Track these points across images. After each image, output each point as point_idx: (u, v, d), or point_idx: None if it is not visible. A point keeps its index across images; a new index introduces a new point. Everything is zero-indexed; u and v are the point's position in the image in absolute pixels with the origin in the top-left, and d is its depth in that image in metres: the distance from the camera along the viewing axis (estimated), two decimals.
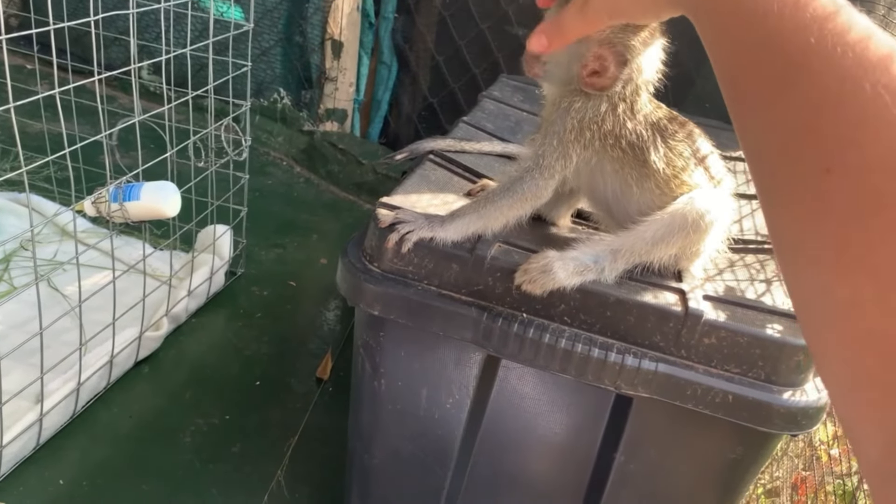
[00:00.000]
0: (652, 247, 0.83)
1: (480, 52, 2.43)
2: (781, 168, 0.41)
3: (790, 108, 0.40)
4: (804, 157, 0.39)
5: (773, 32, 0.42)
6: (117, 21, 2.39)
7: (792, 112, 0.40)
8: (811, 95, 0.39)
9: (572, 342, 0.83)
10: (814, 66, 0.39)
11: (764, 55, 0.42)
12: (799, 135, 0.39)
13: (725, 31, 0.47)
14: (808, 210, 0.39)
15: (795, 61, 0.40)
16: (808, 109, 0.39)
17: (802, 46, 0.40)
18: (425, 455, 1.01)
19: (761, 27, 0.43)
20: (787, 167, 0.40)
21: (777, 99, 0.41)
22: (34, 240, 1.15)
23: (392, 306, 0.88)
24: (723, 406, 0.82)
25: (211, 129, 1.58)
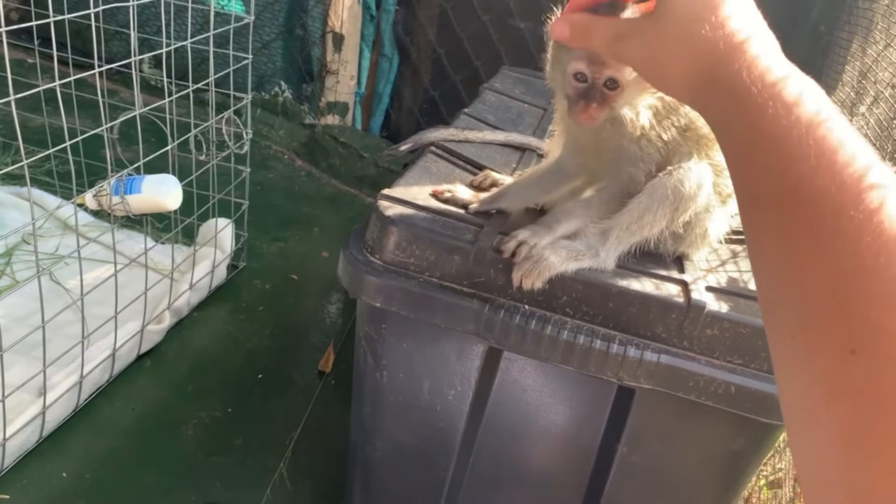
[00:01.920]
0: (639, 218, 0.83)
1: (482, 45, 2.43)
2: (803, 336, 0.38)
3: (820, 273, 0.38)
4: (829, 332, 0.36)
5: (807, 184, 0.40)
6: (118, 14, 2.39)
7: (822, 279, 0.38)
8: (843, 264, 0.37)
9: (574, 334, 0.83)
10: (849, 232, 0.37)
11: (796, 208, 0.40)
12: (826, 306, 0.37)
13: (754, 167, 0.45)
14: (826, 388, 0.36)
15: (829, 224, 0.38)
16: (839, 279, 0.37)
17: (837, 208, 0.38)
18: (427, 447, 1.01)
19: (794, 174, 0.41)
20: (809, 337, 0.38)
21: (807, 260, 0.39)
22: (36, 234, 1.15)
23: (394, 298, 0.88)
24: (725, 397, 0.82)
25: (212, 123, 1.58)
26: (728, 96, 0.48)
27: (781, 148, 0.42)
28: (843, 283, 0.37)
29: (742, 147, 0.46)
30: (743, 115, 0.46)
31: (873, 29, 1.52)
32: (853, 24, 1.73)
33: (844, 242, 0.37)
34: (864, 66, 1.48)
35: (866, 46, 1.54)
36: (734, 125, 0.47)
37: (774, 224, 0.42)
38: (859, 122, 1.39)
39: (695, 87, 0.52)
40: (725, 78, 0.48)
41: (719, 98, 0.49)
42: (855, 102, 1.49)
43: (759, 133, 0.44)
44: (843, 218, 0.37)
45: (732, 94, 0.47)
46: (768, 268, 0.43)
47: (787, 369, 0.40)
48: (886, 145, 1.24)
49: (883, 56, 1.37)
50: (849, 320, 0.36)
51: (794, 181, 0.41)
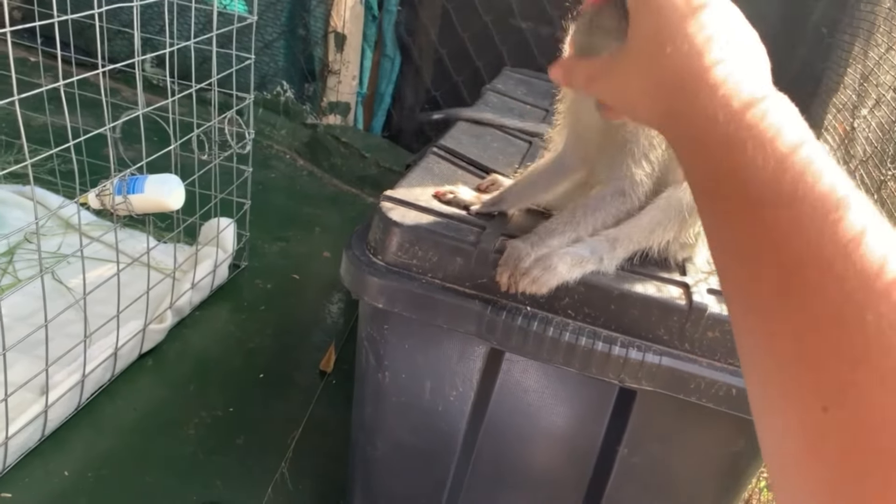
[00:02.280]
0: (649, 233, 0.83)
1: (484, 45, 2.43)
2: (775, 390, 0.37)
3: (786, 324, 0.36)
4: (801, 387, 0.35)
5: (771, 224, 0.38)
6: (120, 14, 2.39)
7: (788, 331, 0.36)
8: (810, 314, 0.35)
9: (576, 336, 0.83)
10: (811, 279, 0.35)
11: (763, 253, 0.38)
12: (795, 359, 0.35)
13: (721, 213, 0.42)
14: (801, 446, 0.35)
15: (793, 269, 0.36)
16: (807, 331, 0.35)
17: (799, 251, 0.36)
18: (429, 447, 1.01)
19: (763, 217, 0.38)
20: (781, 393, 0.36)
21: (771, 308, 0.37)
22: (38, 232, 1.16)
23: (396, 299, 0.88)
24: (726, 399, 0.82)
25: (214, 122, 1.58)
26: (694, 134, 0.44)
27: (750, 190, 0.39)
28: (812, 334, 0.35)
29: (707, 189, 0.43)
30: (709, 155, 0.43)
31: (875, 32, 1.53)
32: (855, 26, 1.73)
33: (808, 291, 0.35)
34: (866, 69, 1.49)
35: (868, 49, 1.54)
36: (701, 165, 0.44)
37: (742, 268, 0.40)
38: (861, 124, 1.40)
39: (661, 125, 0.49)
40: (689, 115, 0.44)
41: (685, 135, 0.45)
42: (856, 105, 1.49)
43: (726, 173, 0.41)
44: (809, 263, 0.36)
45: (698, 131, 0.44)
46: (737, 312, 0.41)
47: (762, 417, 0.38)
48: (888, 148, 1.24)
49: (885, 59, 1.37)
50: (819, 377, 0.34)
51: (762, 223, 0.38)
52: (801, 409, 0.34)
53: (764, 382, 0.38)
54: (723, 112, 0.42)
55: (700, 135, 0.43)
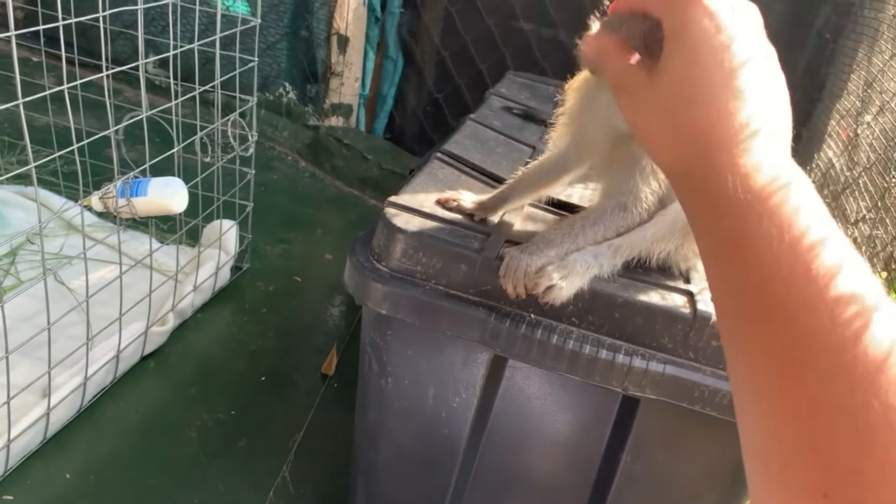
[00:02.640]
0: (651, 244, 0.84)
1: (486, 48, 2.43)
2: (775, 472, 0.36)
3: (789, 404, 0.35)
4: (803, 473, 0.34)
5: (781, 305, 0.37)
6: (123, 14, 2.39)
7: (790, 412, 0.35)
8: (815, 398, 0.34)
9: (580, 343, 0.83)
10: (820, 363, 0.35)
11: (769, 330, 0.37)
12: (798, 443, 0.35)
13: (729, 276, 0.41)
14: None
15: (800, 352, 0.35)
16: (810, 415, 0.34)
17: (809, 334, 0.35)
18: (431, 453, 1.01)
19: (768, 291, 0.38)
20: (782, 476, 0.35)
21: (775, 386, 0.36)
22: (42, 234, 1.16)
23: (400, 305, 0.88)
24: (729, 408, 0.82)
25: (217, 125, 1.58)
26: (704, 195, 0.43)
27: (760, 262, 0.39)
28: (816, 418, 0.34)
29: (713, 250, 0.43)
30: (716, 219, 0.42)
31: (879, 38, 1.53)
32: (859, 32, 1.73)
33: (817, 373, 0.35)
34: (870, 76, 1.49)
35: (872, 55, 1.54)
36: (707, 226, 0.43)
37: (747, 340, 0.39)
38: (864, 131, 1.40)
39: (672, 174, 0.48)
40: (703, 175, 0.43)
41: (694, 193, 0.45)
42: (860, 111, 1.49)
43: (731, 241, 0.41)
44: (818, 350, 0.35)
45: (708, 193, 0.43)
46: (740, 385, 0.40)
47: (761, 494, 0.38)
48: (892, 155, 1.24)
49: (889, 66, 1.37)
50: (821, 459, 0.33)
51: (769, 299, 0.38)
52: (802, 494, 0.34)
53: (764, 460, 0.37)
54: (742, 186, 0.41)
55: (714, 200, 0.42)
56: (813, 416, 0.34)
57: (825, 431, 0.34)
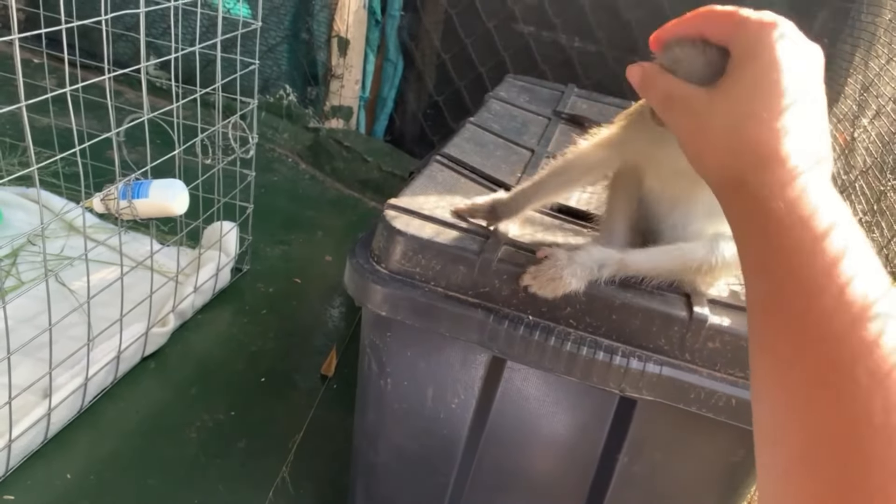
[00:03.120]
0: (656, 273, 0.84)
1: (486, 51, 2.44)
2: (799, 484, 0.37)
3: (826, 422, 0.37)
4: (828, 487, 0.35)
5: (822, 322, 0.39)
6: (124, 16, 2.40)
7: (827, 428, 0.37)
8: (852, 418, 0.36)
9: (578, 345, 0.84)
10: (862, 382, 0.36)
11: (807, 344, 0.39)
12: (828, 461, 0.36)
13: (770, 288, 0.43)
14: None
15: (842, 371, 0.37)
16: (845, 433, 0.36)
17: (852, 355, 0.37)
18: (430, 454, 1.02)
19: (811, 308, 0.40)
20: (806, 486, 0.37)
21: (813, 403, 0.38)
22: (43, 235, 1.16)
23: (399, 307, 0.89)
24: (726, 409, 0.83)
25: (218, 127, 1.59)
26: (755, 207, 0.46)
27: (802, 278, 0.41)
28: (848, 438, 0.35)
29: (760, 264, 0.45)
30: (765, 232, 0.44)
31: (876, 42, 1.53)
32: (856, 37, 1.74)
33: (856, 394, 0.36)
34: (867, 80, 1.50)
35: (869, 60, 1.55)
36: (755, 239, 0.46)
37: (783, 353, 0.41)
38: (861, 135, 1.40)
39: (724, 184, 0.50)
40: (757, 188, 0.46)
41: (745, 205, 0.47)
42: (857, 115, 1.50)
43: (780, 256, 0.43)
44: (859, 368, 0.36)
45: (760, 206, 0.45)
46: (771, 398, 0.42)
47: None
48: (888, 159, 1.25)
49: (885, 70, 1.38)
50: (850, 479, 0.34)
51: (809, 315, 0.40)
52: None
53: (787, 477, 0.38)
54: (789, 206, 0.44)
55: (764, 215, 0.45)
56: (846, 435, 0.35)
57: (856, 451, 0.35)
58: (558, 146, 1.29)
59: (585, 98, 1.62)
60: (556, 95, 1.61)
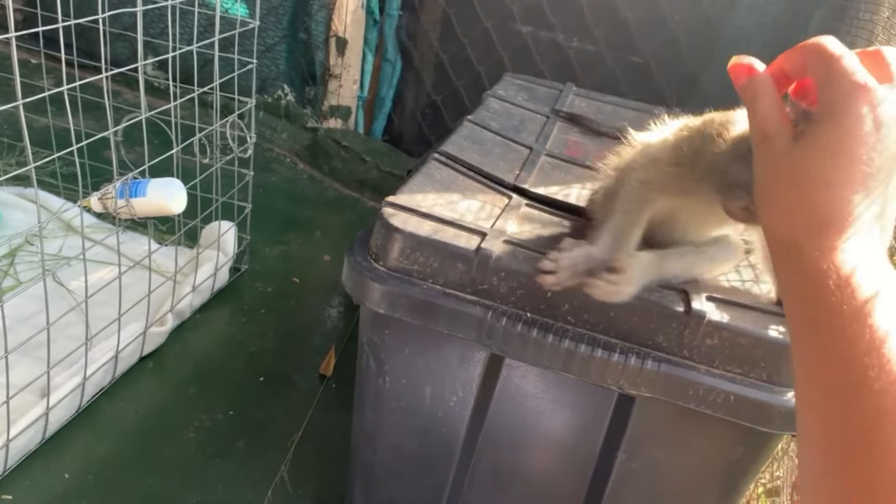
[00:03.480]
0: (687, 276, 0.88)
1: (485, 50, 2.44)
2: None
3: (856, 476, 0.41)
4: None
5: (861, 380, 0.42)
6: (122, 16, 2.40)
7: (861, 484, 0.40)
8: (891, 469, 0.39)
9: (576, 342, 0.84)
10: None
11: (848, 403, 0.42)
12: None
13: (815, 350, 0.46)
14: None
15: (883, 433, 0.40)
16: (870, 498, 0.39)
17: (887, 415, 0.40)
18: (428, 452, 1.02)
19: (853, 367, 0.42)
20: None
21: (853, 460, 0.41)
22: (41, 235, 1.16)
23: (397, 305, 0.88)
24: (724, 406, 0.83)
25: (216, 127, 1.59)
26: (807, 269, 0.46)
27: (845, 350, 0.43)
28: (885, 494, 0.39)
29: (808, 325, 0.46)
30: (814, 296, 0.46)
31: (874, 40, 1.53)
32: (854, 35, 1.74)
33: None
34: None
35: None
36: (804, 300, 0.47)
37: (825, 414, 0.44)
38: None
39: (779, 239, 0.50)
40: (811, 250, 0.46)
41: (799, 266, 0.47)
42: None
43: (827, 322, 0.44)
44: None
45: (813, 269, 0.46)
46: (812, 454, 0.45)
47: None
48: None
49: None
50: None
51: (851, 373, 0.42)
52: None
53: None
54: (837, 280, 0.45)
55: (812, 281, 0.46)
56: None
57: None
58: (556, 144, 1.29)
59: (584, 97, 1.62)
60: (554, 94, 1.61)
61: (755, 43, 2.08)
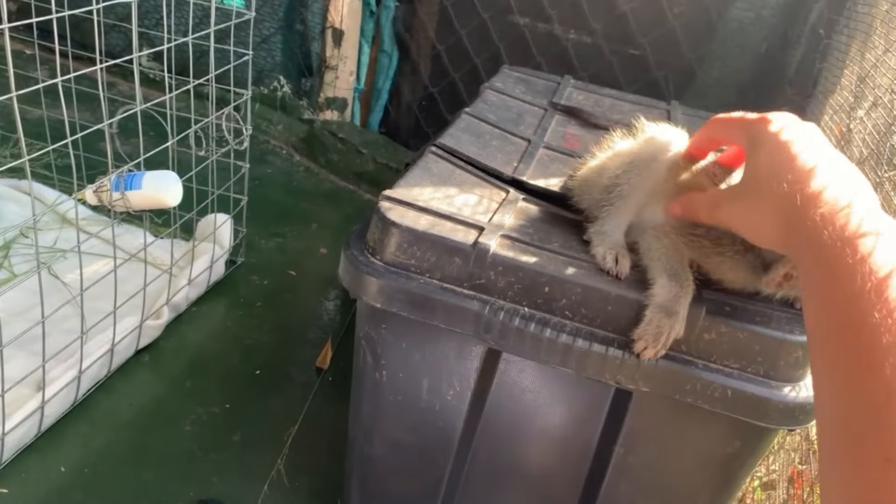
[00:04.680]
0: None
1: (482, 42, 2.43)
2: (842, 444, 0.44)
3: (866, 393, 0.44)
4: (865, 440, 0.42)
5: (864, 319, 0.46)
6: (116, 7, 2.38)
7: (866, 398, 0.44)
8: (889, 388, 0.43)
9: (573, 337, 0.84)
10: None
11: (853, 337, 0.47)
12: (865, 418, 0.43)
13: (821, 300, 0.52)
14: (862, 496, 0.41)
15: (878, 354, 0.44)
16: (882, 400, 0.43)
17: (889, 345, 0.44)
18: (426, 445, 1.02)
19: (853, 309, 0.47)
20: (848, 446, 0.44)
21: (855, 380, 0.45)
22: (36, 227, 1.15)
23: (394, 299, 0.88)
24: (721, 401, 0.83)
25: (212, 118, 1.58)
26: (805, 240, 0.55)
27: (846, 285, 0.49)
28: (885, 402, 0.42)
29: (813, 282, 0.54)
30: (816, 256, 0.53)
31: (872, 34, 1.53)
32: (852, 28, 1.73)
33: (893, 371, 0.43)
34: (863, 71, 1.49)
35: (865, 51, 1.55)
36: (809, 264, 0.55)
37: (834, 345, 0.49)
38: (857, 126, 1.40)
39: (784, 237, 0.60)
40: (802, 224, 0.56)
41: (799, 242, 0.57)
42: (853, 106, 1.49)
43: (828, 271, 0.51)
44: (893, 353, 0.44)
45: (808, 238, 0.55)
46: (822, 383, 0.50)
47: (828, 477, 0.46)
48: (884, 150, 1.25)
49: (882, 61, 1.37)
50: (884, 433, 0.41)
51: (853, 315, 0.47)
52: (865, 462, 0.42)
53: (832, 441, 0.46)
54: (831, 227, 0.53)
55: (816, 247, 0.54)
56: (883, 400, 0.43)
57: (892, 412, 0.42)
58: (554, 137, 1.28)
59: (581, 89, 1.61)
60: (552, 86, 1.60)
61: (754, 38, 2.07)
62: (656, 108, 1.57)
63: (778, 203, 0.60)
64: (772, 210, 0.61)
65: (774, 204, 0.60)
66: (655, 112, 1.53)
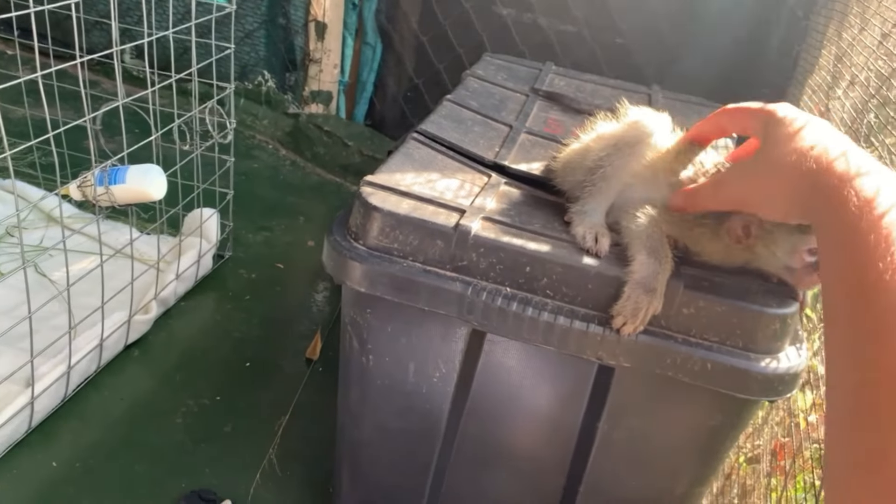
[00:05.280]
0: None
1: (465, 32, 2.43)
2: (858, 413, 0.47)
3: (882, 356, 0.46)
4: (882, 411, 0.44)
5: (881, 278, 0.49)
6: (98, 4, 2.37)
7: (882, 361, 0.46)
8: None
9: (555, 315, 0.85)
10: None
11: (870, 298, 0.50)
12: (883, 387, 0.45)
13: (840, 260, 0.55)
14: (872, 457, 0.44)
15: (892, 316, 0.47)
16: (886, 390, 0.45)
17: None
18: (413, 429, 1.03)
19: (871, 270, 0.50)
20: (864, 415, 0.46)
21: (871, 342, 0.48)
22: (21, 225, 1.15)
23: (378, 283, 0.89)
24: (702, 374, 0.84)
25: (195, 112, 1.58)
26: (825, 200, 0.60)
27: (864, 245, 0.52)
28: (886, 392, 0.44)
29: (835, 240, 0.57)
30: (837, 215, 0.57)
31: (848, 13, 1.55)
32: (829, 8, 1.75)
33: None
34: (840, 50, 1.51)
35: (842, 31, 1.56)
36: (830, 225, 0.58)
37: (850, 306, 0.52)
38: (836, 105, 1.42)
39: (803, 202, 0.65)
40: (823, 187, 0.61)
41: (819, 205, 0.61)
42: (831, 86, 1.51)
43: (849, 231, 0.54)
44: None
45: (828, 198, 0.59)
46: (837, 345, 0.52)
47: (837, 445, 0.48)
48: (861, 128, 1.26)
49: (857, 39, 1.39)
50: (881, 427, 0.44)
51: (870, 275, 0.50)
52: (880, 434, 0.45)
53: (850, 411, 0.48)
54: (851, 190, 0.57)
55: (830, 205, 0.58)
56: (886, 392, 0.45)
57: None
58: (536, 122, 1.29)
59: (563, 75, 1.62)
60: (533, 73, 1.61)
61: (734, 22, 2.08)
62: (637, 92, 1.58)
63: (796, 172, 0.64)
64: (788, 181, 0.66)
65: (792, 174, 0.65)
66: (636, 96, 1.54)
